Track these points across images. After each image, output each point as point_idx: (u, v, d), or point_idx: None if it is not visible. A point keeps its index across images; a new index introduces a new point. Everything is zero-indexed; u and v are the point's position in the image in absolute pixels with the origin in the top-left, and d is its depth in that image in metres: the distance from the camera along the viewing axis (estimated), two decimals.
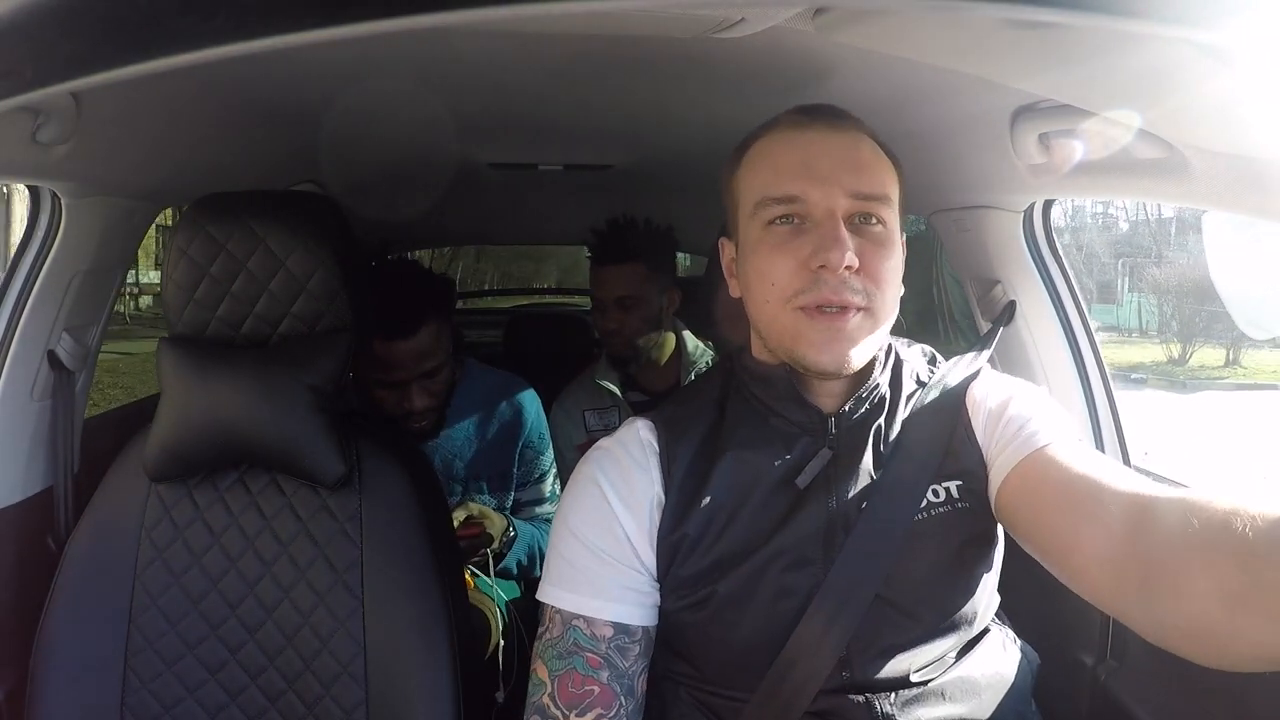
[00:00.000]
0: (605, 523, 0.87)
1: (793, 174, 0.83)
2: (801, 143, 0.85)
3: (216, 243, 1.08)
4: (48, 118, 0.94)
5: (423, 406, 1.52)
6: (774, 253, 0.83)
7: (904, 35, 0.75)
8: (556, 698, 0.84)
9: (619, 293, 1.80)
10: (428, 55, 1.07)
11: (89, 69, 0.35)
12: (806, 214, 0.82)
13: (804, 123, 0.86)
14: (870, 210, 0.83)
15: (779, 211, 0.83)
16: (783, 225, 0.83)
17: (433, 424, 1.60)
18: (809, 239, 0.81)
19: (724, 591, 0.83)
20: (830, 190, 0.81)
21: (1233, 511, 0.62)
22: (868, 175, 0.83)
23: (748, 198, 0.87)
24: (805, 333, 0.82)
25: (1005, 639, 0.93)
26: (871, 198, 0.83)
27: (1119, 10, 0.38)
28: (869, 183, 0.83)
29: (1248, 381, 10.54)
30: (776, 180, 0.84)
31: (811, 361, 0.83)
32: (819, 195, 0.81)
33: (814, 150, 0.84)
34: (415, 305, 1.47)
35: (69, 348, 1.22)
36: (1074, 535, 0.74)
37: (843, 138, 0.85)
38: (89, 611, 1.08)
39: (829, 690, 0.82)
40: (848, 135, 0.85)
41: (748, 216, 0.86)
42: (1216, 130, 0.74)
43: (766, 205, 0.84)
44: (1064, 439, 0.83)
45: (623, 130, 1.57)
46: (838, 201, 0.81)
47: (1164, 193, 0.92)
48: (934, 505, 0.85)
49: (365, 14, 0.32)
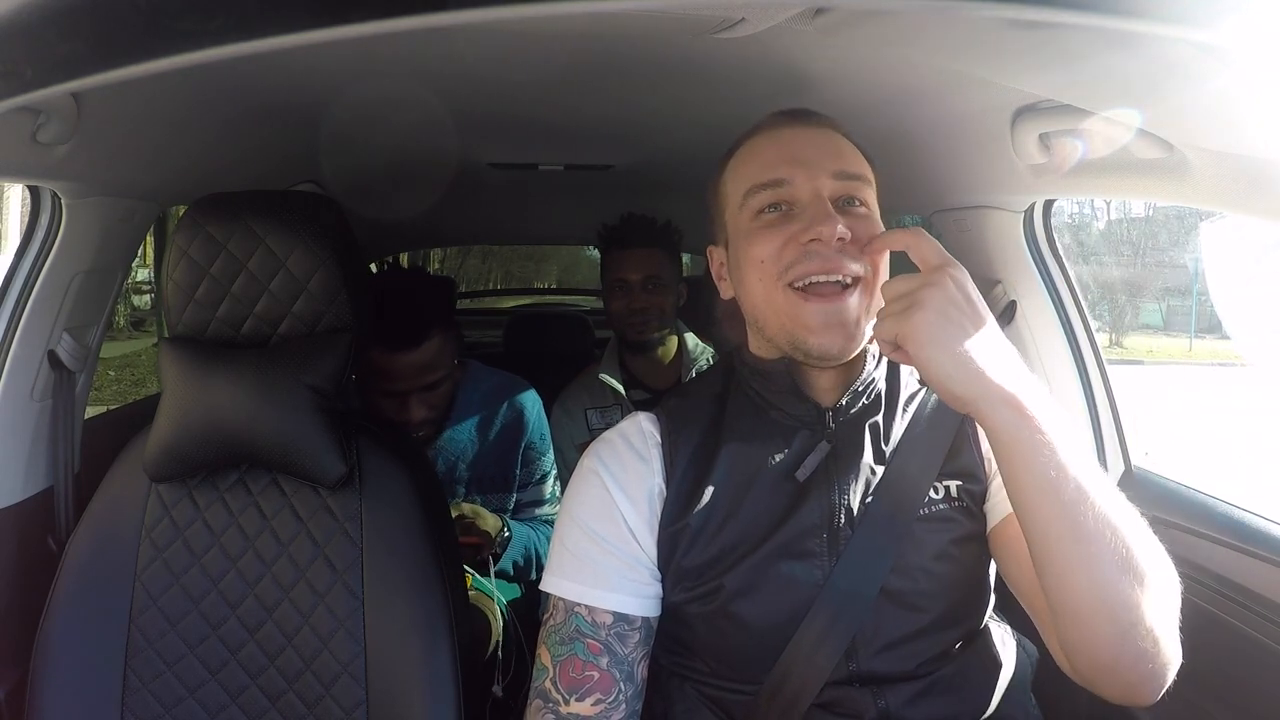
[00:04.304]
0: (607, 512, 0.88)
1: (777, 161, 0.86)
2: (783, 137, 0.89)
3: (217, 243, 1.08)
4: (48, 118, 0.94)
5: (421, 418, 1.51)
6: (763, 234, 0.85)
7: (904, 35, 0.75)
8: (558, 682, 0.85)
9: (646, 273, 1.84)
10: (428, 55, 1.07)
11: (89, 69, 0.36)
12: (794, 198, 0.85)
13: (783, 122, 0.90)
14: (853, 192, 0.86)
15: (767, 198, 0.86)
16: (771, 213, 0.86)
17: (431, 433, 1.59)
18: (798, 221, 0.84)
19: (731, 585, 0.84)
20: (814, 172, 0.85)
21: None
22: (848, 158, 0.88)
23: (735, 190, 0.90)
24: (802, 316, 0.83)
25: (1004, 634, 0.95)
26: (854, 177, 0.86)
27: (1119, 10, 0.38)
28: (851, 163, 0.87)
29: (1128, 358, 12.88)
30: (762, 169, 0.87)
31: (813, 345, 0.84)
32: (804, 177, 0.85)
33: (797, 142, 0.88)
34: (420, 317, 1.45)
35: (69, 348, 1.22)
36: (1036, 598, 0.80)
37: (821, 132, 0.90)
38: (89, 611, 1.08)
39: (835, 682, 0.83)
40: (825, 130, 0.90)
41: (736, 209, 0.89)
42: (1216, 130, 0.74)
43: (754, 193, 0.86)
44: None
45: (623, 130, 1.57)
46: (823, 183, 0.85)
47: (1164, 192, 0.92)
48: (935, 502, 0.87)
49: (365, 14, 0.32)
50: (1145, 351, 13.63)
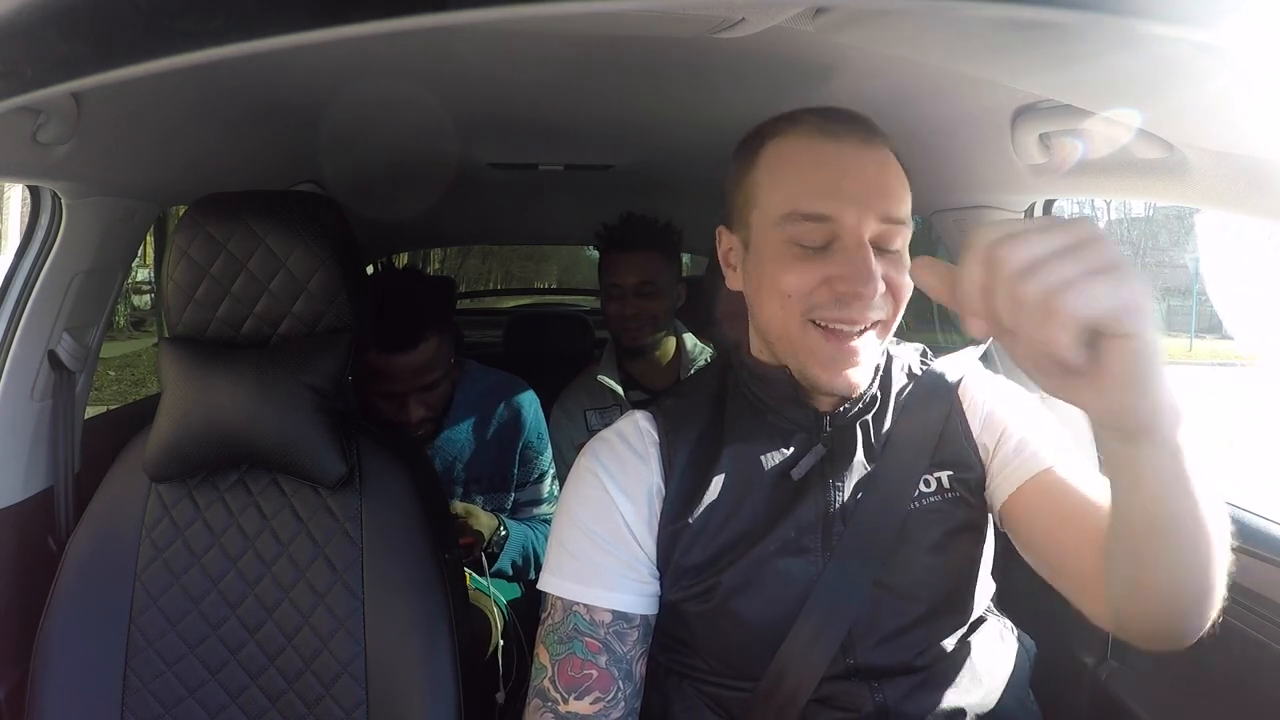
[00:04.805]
0: (604, 510, 0.88)
1: (824, 192, 0.80)
2: (832, 158, 0.82)
3: (217, 243, 1.08)
4: (48, 118, 0.94)
5: (419, 419, 1.52)
6: (795, 266, 0.81)
7: (904, 35, 0.75)
8: (556, 681, 0.86)
9: (640, 278, 1.82)
10: (428, 55, 1.07)
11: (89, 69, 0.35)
12: (834, 235, 0.80)
13: (834, 133, 0.82)
14: (894, 235, 0.82)
15: (807, 230, 0.81)
16: (808, 245, 0.81)
17: (429, 433, 1.59)
18: (835, 261, 0.80)
19: (728, 582, 0.85)
20: (863, 212, 0.79)
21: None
22: (895, 199, 0.82)
23: (771, 205, 0.84)
24: (816, 350, 0.82)
25: (1003, 628, 0.95)
26: (898, 221, 0.82)
27: (1119, 10, 0.38)
28: (897, 206, 0.82)
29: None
30: (807, 196, 0.81)
31: (823, 382, 0.83)
32: (852, 219, 0.79)
33: (847, 168, 0.81)
34: (417, 318, 1.45)
35: (69, 348, 1.22)
36: (1077, 563, 0.78)
37: (873, 155, 0.83)
38: (89, 612, 1.08)
39: (832, 676, 0.84)
40: (877, 153, 0.83)
41: (769, 225, 0.84)
42: (1216, 130, 0.74)
43: (795, 221, 0.81)
44: (1065, 460, 0.86)
45: (623, 130, 1.57)
46: (869, 225, 0.80)
47: (1164, 192, 0.92)
48: (925, 495, 0.87)
49: (365, 14, 0.32)
50: None
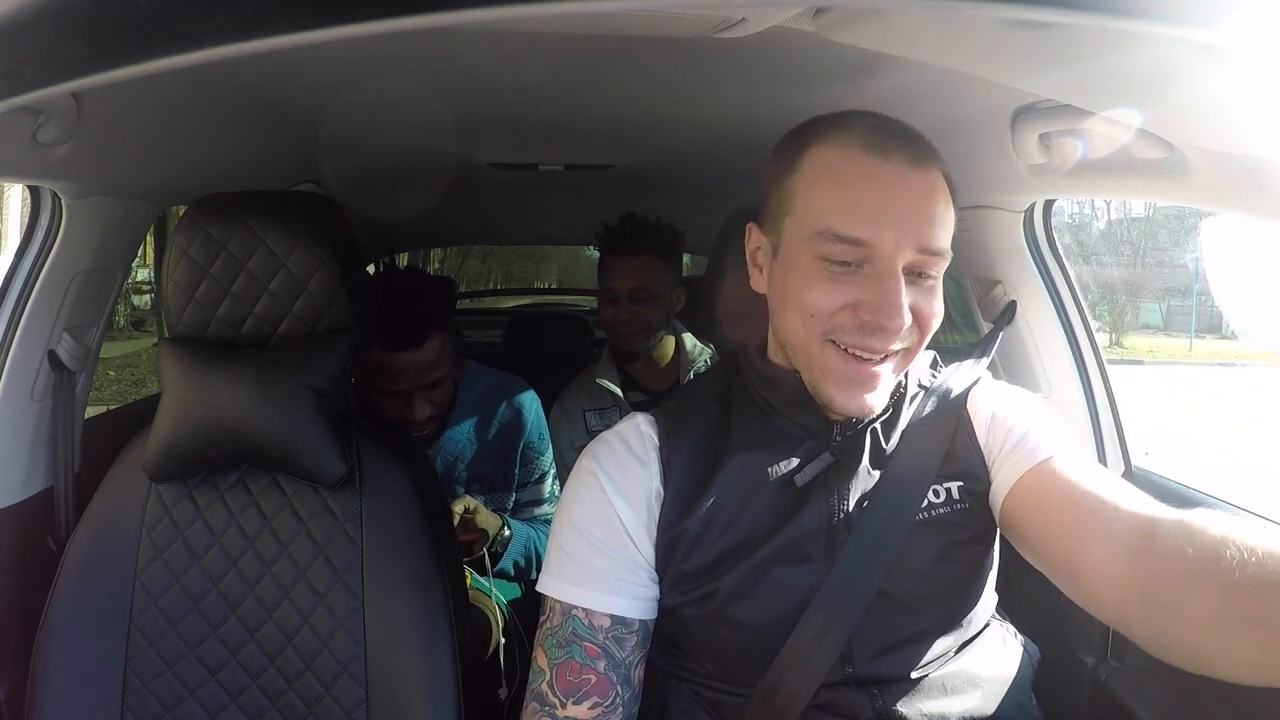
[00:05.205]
0: (603, 513, 0.87)
1: (864, 216, 0.78)
2: (880, 179, 0.79)
3: (217, 243, 1.08)
4: (48, 118, 0.94)
5: (425, 417, 1.52)
6: (821, 285, 0.80)
7: (904, 35, 0.75)
8: (554, 685, 0.85)
9: (636, 283, 1.79)
10: (428, 55, 1.07)
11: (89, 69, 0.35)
12: (868, 259, 0.79)
13: (882, 149, 0.79)
14: (931, 264, 0.80)
15: (841, 253, 0.79)
16: (838, 262, 0.79)
17: (434, 432, 1.60)
18: (863, 286, 0.79)
19: (726, 588, 0.84)
20: (901, 242, 0.78)
21: (1224, 541, 0.65)
22: (937, 227, 0.80)
23: (807, 217, 0.81)
24: (834, 369, 0.82)
25: (1005, 634, 0.94)
26: (936, 253, 0.80)
27: (1119, 10, 0.38)
28: (937, 236, 0.80)
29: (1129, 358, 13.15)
30: (845, 217, 0.78)
31: (837, 403, 0.83)
32: (890, 247, 0.78)
33: (892, 193, 0.78)
34: (420, 317, 1.45)
35: (69, 348, 1.22)
36: (1078, 553, 0.77)
37: (922, 178, 0.80)
38: (89, 612, 1.08)
39: (831, 684, 0.83)
40: (927, 175, 0.80)
41: (802, 238, 0.81)
42: (1216, 130, 0.74)
43: (829, 240, 0.79)
44: (1066, 452, 0.84)
45: (623, 130, 1.57)
46: (905, 255, 0.78)
47: (1164, 192, 0.92)
48: (934, 505, 0.86)
49: (365, 14, 0.32)
50: (1146, 351, 13.90)
